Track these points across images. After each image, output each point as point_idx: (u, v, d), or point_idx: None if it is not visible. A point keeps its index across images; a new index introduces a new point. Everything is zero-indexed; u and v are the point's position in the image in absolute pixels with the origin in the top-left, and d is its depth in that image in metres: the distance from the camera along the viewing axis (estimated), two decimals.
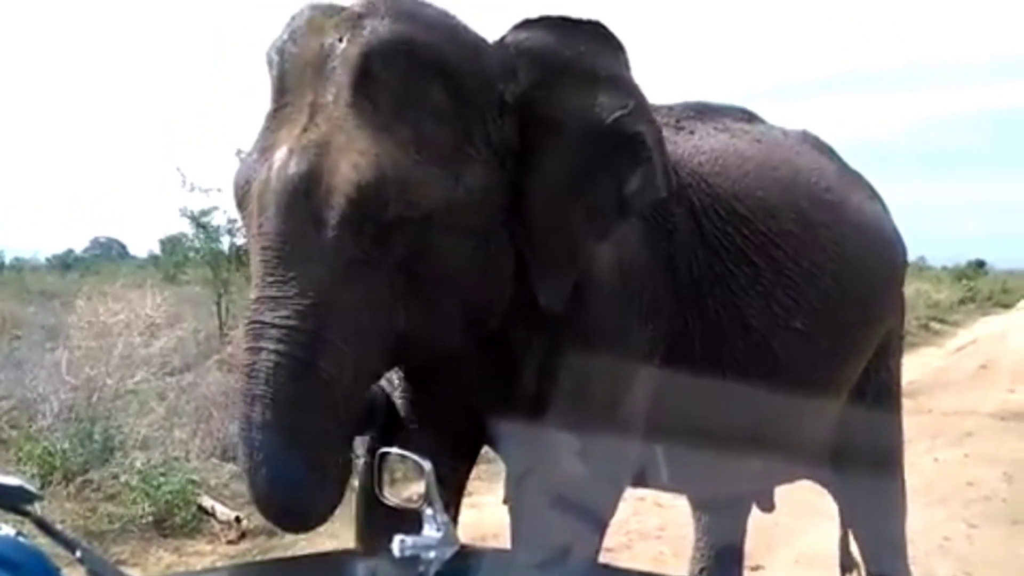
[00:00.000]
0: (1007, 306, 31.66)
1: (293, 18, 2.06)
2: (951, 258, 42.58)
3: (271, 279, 1.86)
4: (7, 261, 19.37)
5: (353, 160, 1.86)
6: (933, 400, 10.13)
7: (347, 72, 1.93)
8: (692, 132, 2.65)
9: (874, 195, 3.07)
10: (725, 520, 3.49)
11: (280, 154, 1.90)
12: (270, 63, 2.05)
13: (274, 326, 1.84)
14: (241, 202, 2.00)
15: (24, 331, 7.16)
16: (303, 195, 1.86)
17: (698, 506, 3.53)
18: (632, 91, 2.19)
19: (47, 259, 21.97)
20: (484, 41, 2.11)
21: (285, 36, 2.04)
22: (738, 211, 2.50)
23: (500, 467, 2.43)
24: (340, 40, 1.96)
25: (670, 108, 2.71)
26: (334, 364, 1.87)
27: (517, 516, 2.25)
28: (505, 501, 2.30)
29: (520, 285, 2.08)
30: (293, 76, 1.99)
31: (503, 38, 2.14)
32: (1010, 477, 6.68)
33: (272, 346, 1.84)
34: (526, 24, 2.16)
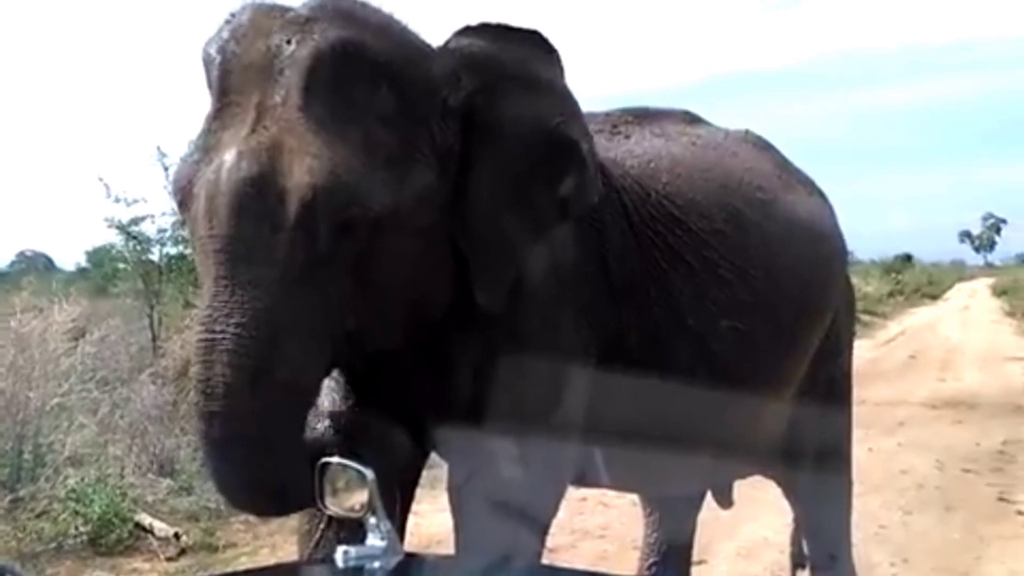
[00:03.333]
0: (934, 298, 32.71)
1: (233, 16, 2.04)
2: (879, 252, 43.73)
3: (224, 283, 1.84)
4: None
5: (307, 163, 1.85)
6: (865, 390, 10.29)
7: (297, 75, 1.92)
8: (628, 136, 2.70)
9: (814, 192, 3.12)
10: (675, 516, 3.52)
11: (229, 155, 1.87)
12: (209, 62, 2.01)
13: (228, 336, 1.83)
14: (183, 203, 1.96)
15: None
16: (256, 197, 1.84)
17: (648, 503, 3.56)
18: (568, 99, 2.26)
19: None
20: (429, 46, 2.13)
21: (225, 35, 2.01)
22: (670, 212, 2.54)
23: (441, 472, 2.41)
24: (288, 42, 1.95)
25: (607, 114, 2.77)
26: (290, 369, 1.86)
27: (459, 521, 2.25)
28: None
29: (457, 286, 2.10)
30: (237, 77, 1.96)
31: (446, 44, 2.17)
32: (942, 464, 6.88)
33: (227, 359, 1.82)
34: (467, 31, 2.19)
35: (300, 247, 1.85)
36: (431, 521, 3.71)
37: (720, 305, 2.57)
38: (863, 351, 14.17)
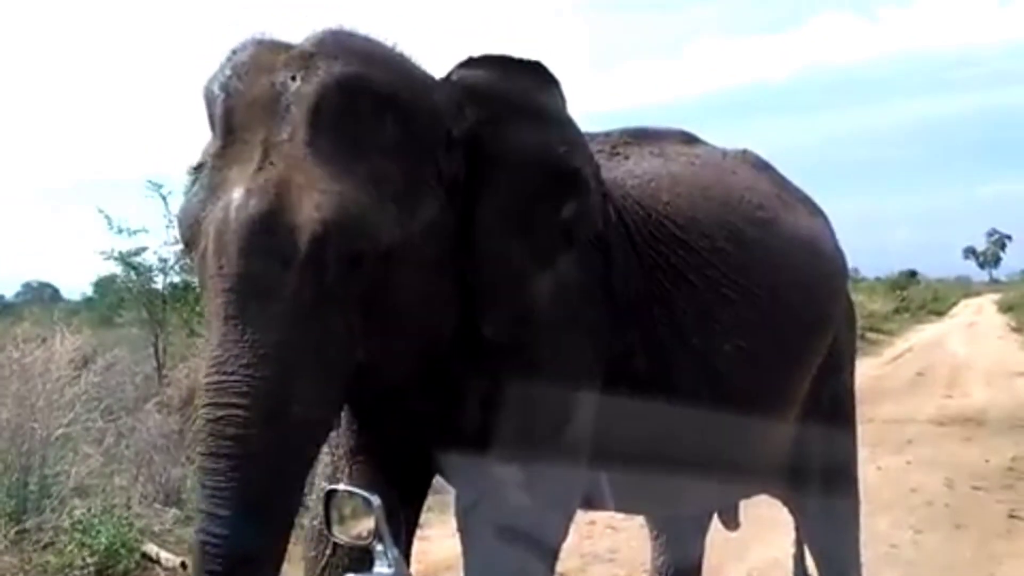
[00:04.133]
0: (940, 314, 32.63)
1: (234, 53, 2.05)
2: (883, 269, 43.76)
3: (234, 321, 1.83)
4: None
5: (315, 199, 1.85)
6: (873, 409, 10.28)
7: (303, 111, 1.92)
8: (627, 157, 2.72)
9: (815, 211, 3.12)
10: (682, 538, 3.50)
11: (237, 193, 1.87)
12: (211, 100, 2.02)
13: (239, 377, 1.81)
14: (191, 242, 1.97)
15: None
16: (265, 234, 1.84)
17: (655, 525, 3.54)
18: (570, 127, 2.28)
19: None
20: (432, 78, 2.15)
21: (228, 72, 2.02)
22: (672, 232, 2.55)
23: (450, 497, 2.41)
24: (293, 79, 1.96)
25: (607, 135, 2.78)
26: (303, 407, 1.85)
27: (468, 548, 2.25)
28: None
29: (464, 317, 2.11)
30: (241, 114, 1.97)
31: (448, 75, 2.19)
32: (951, 482, 6.84)
33: (239, 400, 1.80)
34: (470, 62, 2.22)
35: (310, 282, 1.85)
36: (440, 546, 3.69)
37: (724, 325, 2.57)
38: (869, 369, 14.16)
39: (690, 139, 3.00)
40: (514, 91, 2.20)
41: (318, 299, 1.86)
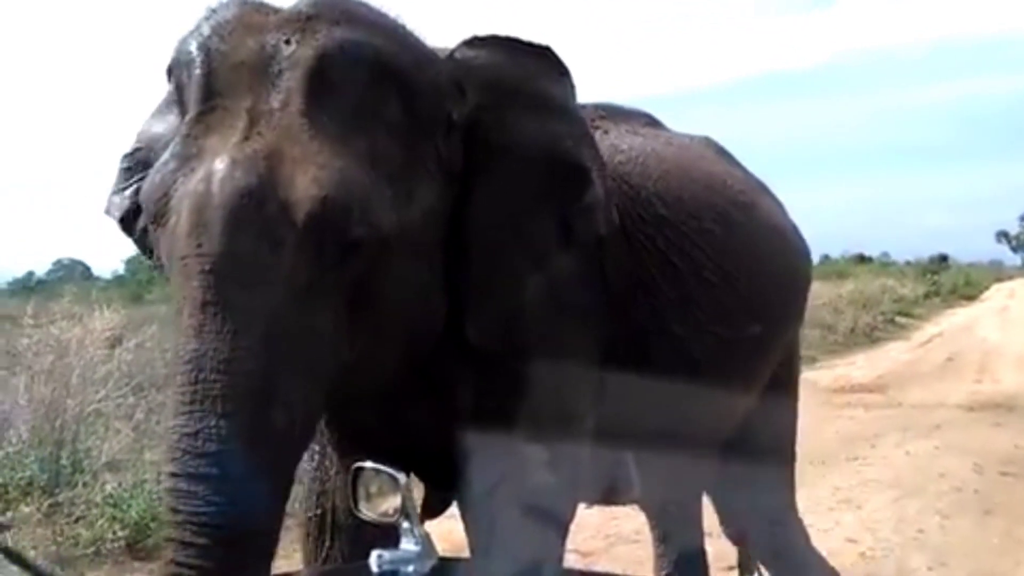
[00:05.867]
0: (971, 299, 32.24)
1: (214, 12, 1.85)
2: (914, 252, 43.32)
3: (212, 310, 1.62)
4: None
5: (312, 174, 1.67)
6: (902, 393, 10.26)
7: (299, 77, 1.74)
8: (606, 132, 2.53)
9: (777, 200, 3.06)
10: (676, 522, 3.46)
11: (221, 163, 1.67)
12: (187, 62, 1.81)
13: (218, 379, 1.60)
14: (158, 216, 1.74)
15: None
16: (254, 210, 1.64)
17: (650, 515, 3.52)
18: (578, 121, 2.13)
19: (8, 283, 21.65)
20: (435, 54, 2.00)
21: (207, 32, 1.82)
22: (659, 212, 2.44)
23: None
24: (287, 42, 1.77)
25: (582, 107, 2.60)
26: (288, 413, 1.66)
27: (482, 528, 2.17)
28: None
29: (451, 314, 1.96)
30: (224, 77, 1.77)
31: (451, 53, 2.03)
32: (980, 467, 6.77)
33: (219, 408, 1.59)
34: (475, 42, 2.04)
35: (303, 268, 1.66)
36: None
37: (704, 311, 2.48)
38: (899, 353, 14.10)
39: (654, 122, 2.85)
40: (520, 77, 2.04)
41: (310, 288, 1.68)
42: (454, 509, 2.41)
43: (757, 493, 3.03)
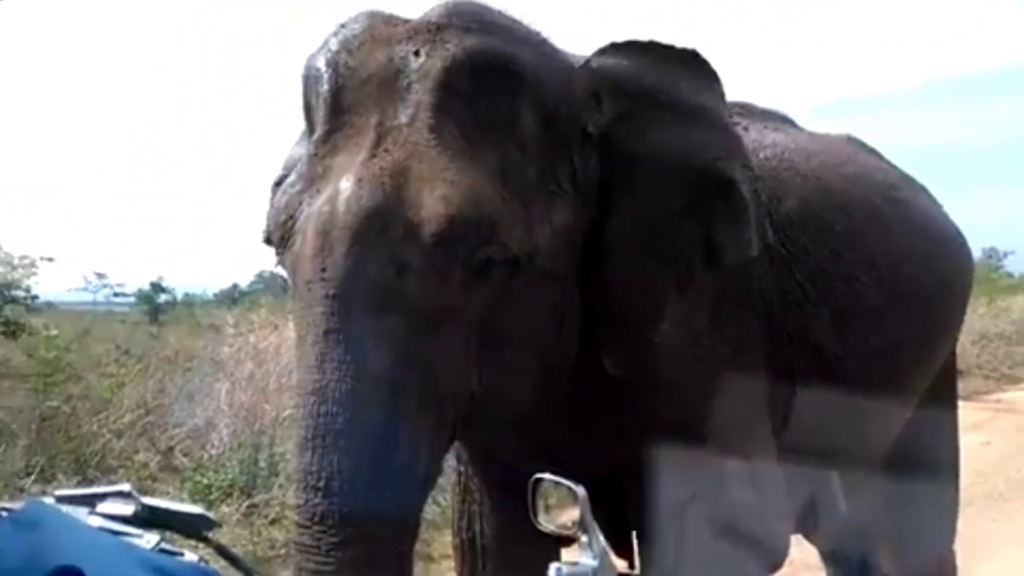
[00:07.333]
0: None
1: (343, 27, 1.79)
2: None
3: (335, 337, 1.55)
4: (179, 298, 20.63)
5: (441, 191, 1.59)
6: None
7: (427, 89, 1.66)
8: (746, 129, 2.38)
9: (933, 198, 2.87)
10: (850, 553, 3.26)
11: (346, 183, 1.60)
12: (315, 79, 1.76)
13: (342, 414, 1.54)
14: (283, 239, 1.71)
15: (195, 363, 7.57)
16: (380, 231, 1.58)
17: (824, 557, 3.33)
18: (727, 131, 2.00)
19: (215, 294, 23.21)
20: (570, 63, 1.91)
21: (335, 47, 1.76)
22: (811, 210, 2.28)
23: None
24: (417, 54, 1.69)
25: None
26: (414, 447, 1.60)
27: (674, 548, 2.05)
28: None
29: (585, 342, 1.86)
30: (352, 93, 1.70)
31: (587, 62, 1.92)
32: None
33: (343, 443, 1.54)
34: (612, 48, 1.93)
35: (431, 292, 1.59)
36: None
37: (859, 320, 2.32)
38: None
39: (790, 120, 2.68)
40: (663, 84, 1.91)
41: (438, 313, 1.61)
42: None
43: (912, 516, 2.85)
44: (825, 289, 2.26)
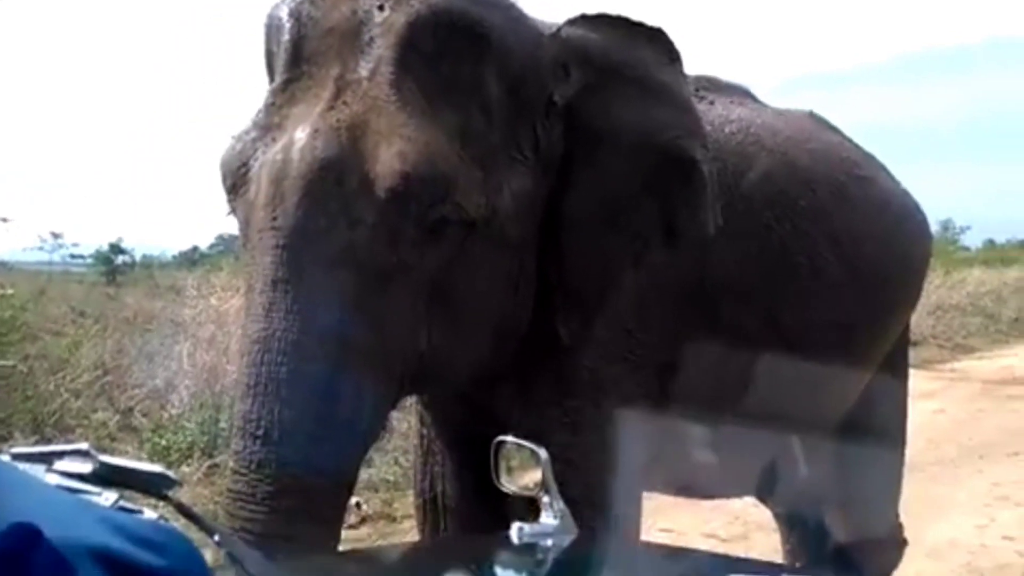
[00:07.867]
0: None
1: None
2: None
3: (284, 287, 1.54)
4: (137, 259, 20.39)
5: (397, 147, 1.57)
6: None
7: (389, 44, 1.64)
8: (712, 103, 2.39)
9: (892, 175, 2.88)
10: (799, 516, 3.34)
11: (301, 133, 1.58)
12: (277, 28, 1.74)
13: (286, 363, 1.53)
14: (235, 186, 1.67)
15: (154, 325, 7.50)
16: (333, 184, 1.56)
17: (775, 515, 3.40)
18: (689, 110, 2.00)
19: (174, 256, 22.98)
20: (539, 30, 1.88)
21: None
22: (774, 189, 2.30)
23: None
24: (381, 7, 1.67)
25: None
26: (358, 402, 1.60)
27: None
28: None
29: (539, 309, 1.87)
30: (313, 45, 1.68)
31: (556, 31, 1.90)
32: None
33: (285, 393, 1.52)
34: (583, 20, 1.93)
35: (382, 247, 1.58)
36: None
37: (820, 297, 2.36)
38: None
39: (752, 95, 2.68)
40: (630, 59, 1.92)
41: (389, 269, 1.59)
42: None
43: (860, 481, 2.91)
44: (788, 264, 2.28)
